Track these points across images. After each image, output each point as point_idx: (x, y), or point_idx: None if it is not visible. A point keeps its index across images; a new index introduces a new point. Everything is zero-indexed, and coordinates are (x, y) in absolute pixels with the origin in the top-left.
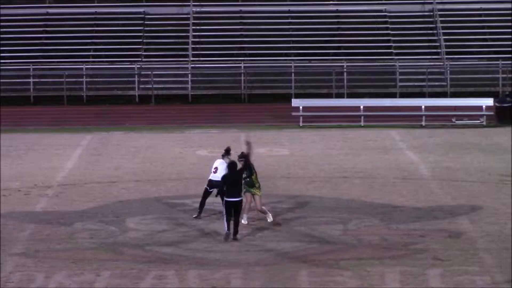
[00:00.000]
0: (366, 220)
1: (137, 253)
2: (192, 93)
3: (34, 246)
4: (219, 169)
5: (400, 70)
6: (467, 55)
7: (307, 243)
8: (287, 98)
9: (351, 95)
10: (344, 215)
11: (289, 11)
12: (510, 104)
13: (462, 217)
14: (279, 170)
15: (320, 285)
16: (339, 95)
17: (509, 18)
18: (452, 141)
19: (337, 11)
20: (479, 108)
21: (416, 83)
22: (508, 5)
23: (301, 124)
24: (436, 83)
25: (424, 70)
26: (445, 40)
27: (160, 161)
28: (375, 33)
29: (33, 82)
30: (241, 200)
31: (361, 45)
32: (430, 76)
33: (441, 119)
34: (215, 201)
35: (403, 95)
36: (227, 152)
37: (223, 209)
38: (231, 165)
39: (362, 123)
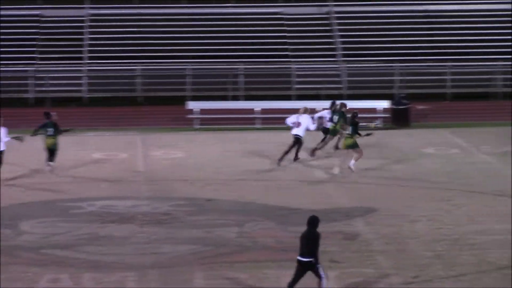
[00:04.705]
0: (262, 222)
1: (32, 256)
2: (88, 95)
3: None
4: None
5: (296, 73)
6: (364, 58)
7: (203, 246)
8: (184, 100)
9: (247, 98)
10: (240, 218)
11: (186, 13)
12: (405, 106)
13: (357, 219)
14: (175, 172)
15: (216, 287)
16: (236, 98)
17: (405, 20)
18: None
19: (234, 13)
20: (375, 110)
21: (312, 86)
22: (404, 8)
23: (197, 126)
24: (333, 86)
25: (321, 72)
26: (342, 43)
27: (57, 164)
28: (272, 35)
29: None
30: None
31: (257, 47)
32: (326, 79)
33: None
34: None
35: (300, 98)
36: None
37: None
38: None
39: (258, 126)
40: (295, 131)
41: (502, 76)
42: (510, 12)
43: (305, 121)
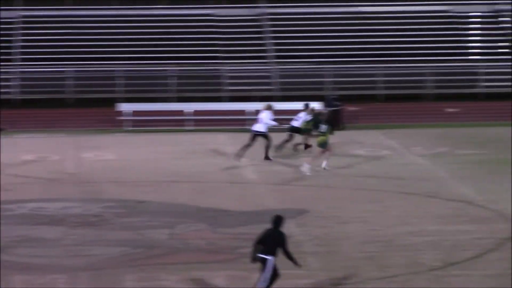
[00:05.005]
0: (194, 224)
1: None
2: (19, 97)
3: None
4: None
5: (227, 74)
6: (295, 59)
7: (134, 248)
8: (115, 102)
9: (179, 99)
10: (171, 219)
11: (117, 15)
12: (337, 108)
13: (289, 221)
14: (106, 174)
15: None
16: (168, 99)
17: (337, 22)
18: (275, 144)
19: (165, 15)
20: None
21: (244, 87)
22: (336, 9)
23: (128, 128)
24: (264, 87)
25: (252, 74)
26: (273, 44)
27: None
28: (203, 37)
29: None
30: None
31: (189, 49)
32: (257, 80)
33: None
34: None
35: (231, 99)
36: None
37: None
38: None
39: (190, 127)
40: (256, 127)
41: (433, 78)
42: (441, 14)
43: (265, 117)
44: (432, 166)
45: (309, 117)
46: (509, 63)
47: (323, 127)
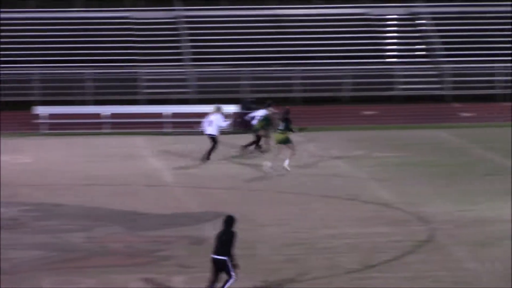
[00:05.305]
0: (111, 227)
1: None
2: None
3: None
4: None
5: (144, 77)
6: (212, 62)
7: (51, 251)
8: (32, 105)
9: (96, 102)
10: (88, 223)
11: (33, 18)
12: (254, 111)
13: (207, 224)
14: (21, 178)
15: None
16: (85, 102)
17: (253, 25)
18: (196, 148)
19: (82, 17)
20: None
21: (161, 90)
22: (252, 12)
23: (45, 131)
24: (181, 90)
25: (169, 77)
26: (190, 47)
27: None
28: (120, 40)
29: None
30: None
31: (106, 52)
32: (174, 83)
33: (185, 125)
34: None
35: (148, 102)
36: None
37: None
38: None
39: (107, 130)
40: (208, 130)
41: (350, 80)
42: (358, 17)
43: (216, 119)
44: (350, 169)
45: (262, 117)
46: (426, 66)
47: (281, 125)
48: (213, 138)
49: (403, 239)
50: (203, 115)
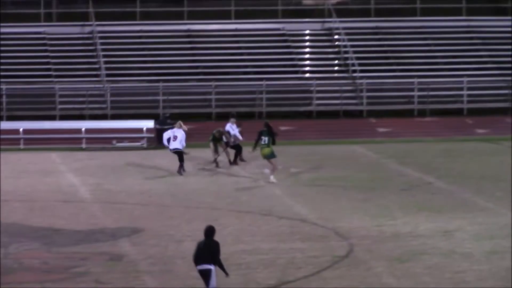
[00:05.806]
0: (27, 243)
1: None
2: None
3: None
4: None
5: (60, 93)
6: (127, 77)
7: None
8: None
9: (10, 118)
10: (4, 239)
11: None
12: (170, 126)
13: (123, 240)
14: None
15: None
16: None
17: (168, 40)
18: (112, 163)
19: None
20: (140, 130)
21: (76, 106)
22: (168, 27)
23: None
24: (97, 106)
25: (84, 92)
26: (105, 62)
27: None
28: (35, 55)
29: None
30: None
31: (20, 67)
32: (90, 99)
33: (101, 141)
34: None
35: (64, 118)
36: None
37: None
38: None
39: (21, 146)
40: (173, 145)
41: (266, 96)
42: (274, 32)
43: (180, 134)
44: (265, 184)
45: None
46: (343, 81)
47: (265, 139)
48: (179, 153)
49: (320, 254)
50: (118, 131)
